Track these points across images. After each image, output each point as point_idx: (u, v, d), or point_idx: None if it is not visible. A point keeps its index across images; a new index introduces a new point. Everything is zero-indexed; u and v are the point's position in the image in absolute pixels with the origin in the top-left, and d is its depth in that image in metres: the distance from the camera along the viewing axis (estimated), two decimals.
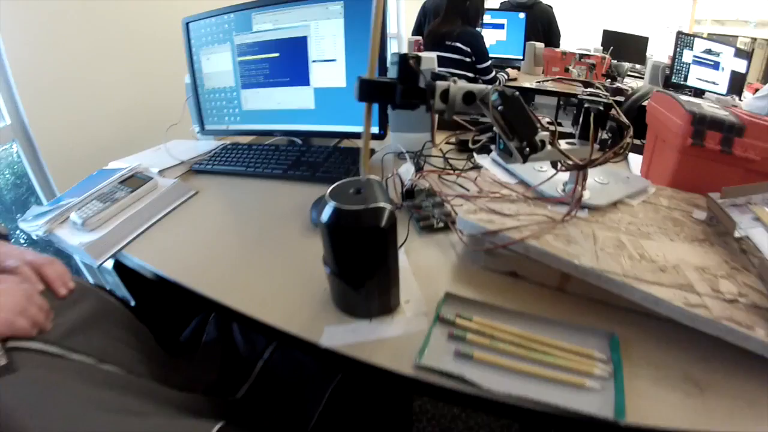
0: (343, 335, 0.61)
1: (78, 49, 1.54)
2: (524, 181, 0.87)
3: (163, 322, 0.89)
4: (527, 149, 0.54)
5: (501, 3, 3.71)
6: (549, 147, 0.57)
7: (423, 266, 0.74)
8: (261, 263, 0.79)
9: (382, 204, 0.53)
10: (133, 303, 1.00)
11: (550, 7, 3.52)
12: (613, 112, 0.65)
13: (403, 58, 0.55)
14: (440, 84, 0.56)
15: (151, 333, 0.79)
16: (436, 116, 0.65)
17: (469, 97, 0.56)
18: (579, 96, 0.66)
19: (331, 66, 1.13)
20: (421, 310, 0.65)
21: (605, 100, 0.64)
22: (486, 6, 2.74)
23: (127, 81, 1.71)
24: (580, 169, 0.62)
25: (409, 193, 0.92)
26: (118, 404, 0.53)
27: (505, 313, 0.63)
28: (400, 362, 0.56)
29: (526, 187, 0.84)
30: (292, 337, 0.62)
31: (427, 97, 0.56)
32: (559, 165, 0.65)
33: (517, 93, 0.54)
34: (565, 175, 0.76)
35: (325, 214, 0.53)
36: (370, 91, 0.55)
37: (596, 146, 0.62)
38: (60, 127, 1.50)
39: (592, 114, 0.62)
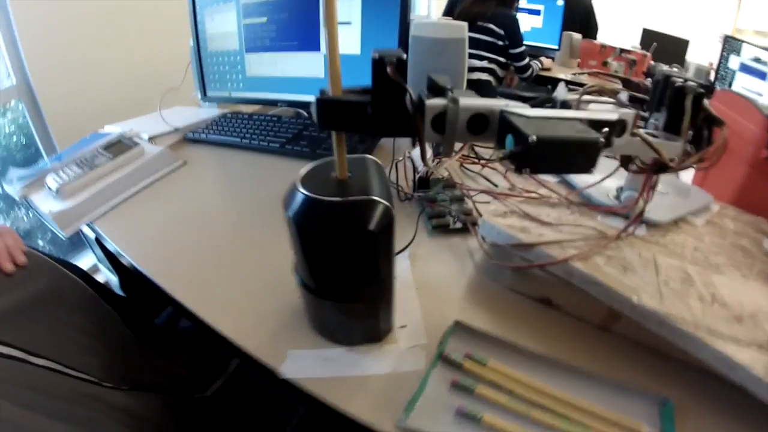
0: (311, 365, 0.48)
1: (84, 11, 1.53)
2: (568, 181, 0.71)
3: (142, 304, 0.87)
4: None
5: None
6: (629, 136, 0.41)
7: (430, 279, 0.61)
8: (233, 257, 0.69)
9: (374, 197, 0.39)
10: (115, 278, 1.02)
11: None
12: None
13: (377, 63, 0.34)
14: (432, 103, 0.35)
15: (123, 316, 0.75)
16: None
17: (478, 122, 0.35)
18: (665, 72, 0.50)
19: (344, 30, 1.01)
20: (420, 341, 0.51)
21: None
22: None
23: (134, 44, 1.70)
24: (661, 173, 0.47)
25: (423, 182, 0.79)
26: (41, 407, 0.50)
27: (532, 358, 0.49)
28: (380, 414, 0.43)
29: (570, 189, 0.68)
30: (247, 356, 0.51)
31: (412, 125, 0.36)
32: (632, 164, 0.49)
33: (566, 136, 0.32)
34: (616, 178, 0.62)
35: (293, 205, 0.39)
36: (331, 113, 0.37)
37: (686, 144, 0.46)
38: (64, 88, 1.51)
39: (690, 97, 0.46)
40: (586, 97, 0.41)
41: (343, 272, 0.43)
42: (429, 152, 0.78)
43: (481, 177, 0.85)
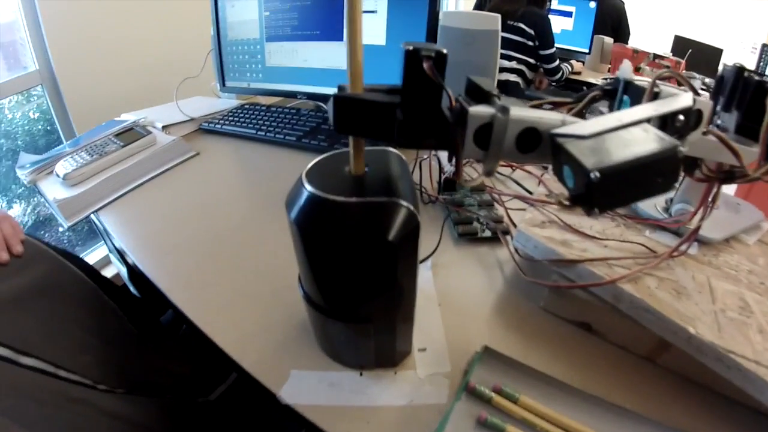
0: (314, 389, 0.42)
1: None
2: None
3: (148, 300, 0.86)
4: None
5: None
6: (705, 135, 0.34)
7: (455, 294, 0.55)
8: (239, 258, 0.64)
9: (396, 198, 0.32)
10: (124, 270, 0.98)
11: (623, 2, 3.29)
12: None
13: (411, 57, 0.27)
14: (477, 112, 0.28)
15: (127, 312, 0.73)
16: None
17: (529, 139, 0.28)
18: (735, 66, 0.43)
19: (370, 19, 0.96)
20: (443, 368, 0.45)
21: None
22: None
23: (157, 32, 1.68)
24: (729, 182, 0.40)
25: (449, 184, 0.73)
26: (19, 413, 0.48)
27: (569, 393, 0.43)
28: None
29: None
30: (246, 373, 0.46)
31: (451, 136, 0.30)
32: (698, 170, 0.42)
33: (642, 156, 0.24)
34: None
35: (297, 205, 0.33)
36: (350, 115, 0.30)
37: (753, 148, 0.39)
38: (86, 74, 1.48)
39: None
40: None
41: (355, 288, 0.37)
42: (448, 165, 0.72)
43: (511, 180, 0.79)
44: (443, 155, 0.75)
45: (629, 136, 0.24)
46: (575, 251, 0.48)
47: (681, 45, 3.37)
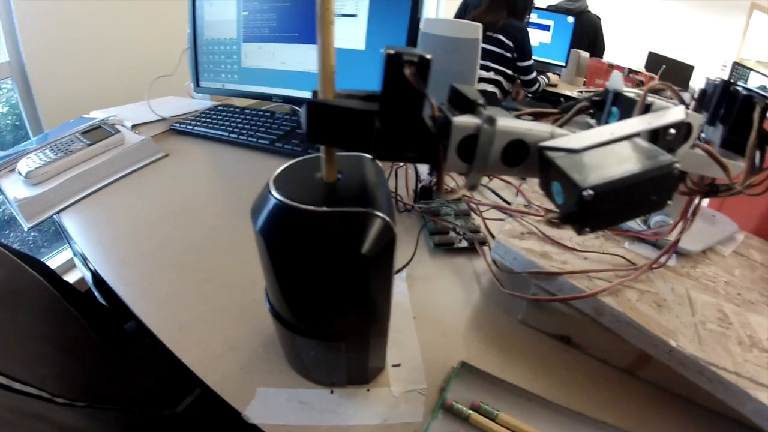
0: (283, 408, 0.39)
1: None
2: None
3: (113, 307, 0.82)
4: None
5: (547, 6, 3.54)
6: (692, 148, 0.33)
7: (431, 306, 0.53)
8: (205, 267, 0.60)
9: (370, 208, 0.30)
10: (88, 275, 0.93)
11: (599, 18, 3.36)
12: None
13: (392, 62, 0.25)
14: (461, 122, 0.26)
15: (90, 320, 0.68)
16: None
17: (516, 151, 0.26)
18: (720, 80, 0.42)
19: (349, 23, 0.95)
20: (418, 384, 0.42)
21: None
22: (534, 5, 2.57)
23: (132, 29, 1.64)
24: (712, 196, 0.39)
25: (426, 192, 0.71)
26: None
27: (549, 408, 0.41)
28: None
29: None
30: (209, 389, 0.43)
31: (433, 148, 0.27)
32: (681, 184, 0.41)
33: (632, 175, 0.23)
34: None
35: (263, 214, 0.30)
36: (325, 123, 0.28)
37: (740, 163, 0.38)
38: (58, 69, 1.44)
39: (759, 108, 0.38)
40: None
41: (326, 304, 0.34)
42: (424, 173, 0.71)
43: (488, 189, 0.77)
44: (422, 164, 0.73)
45: (623, 150, 0.23)
46: (555, 263, 0.47)
47: (654, 61, 3.47)
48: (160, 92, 1.22)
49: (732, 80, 1.49)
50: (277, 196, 0.29)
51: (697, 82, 3.51)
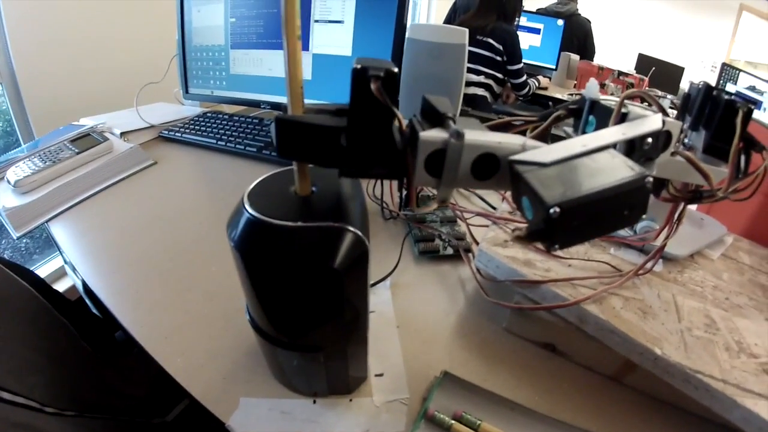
0: (265, 418, 0.39)
1: None
2: None
3: (102, 315, 0.82)
4: None
5: (537, 9, 3.55)
6: (673, 156, 0.33)
7: (414, 315, 0.52)
8: (191, 276, 0.59)
9: (342, 223, 0.29)
10: (79, 283, 0.92)
11: (589, 21, 3.37)
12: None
13: (358, 76, 0.24)
14: (428, 137, 0.25)
15: (80, 328, 0.68)
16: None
17: (486, 165, 0.26)
18: (703, 84, 0.42)
19: (335, 29, 0.95)
20: (400, 394, 0.42)
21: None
22: (524, 8, 2.56)
23: (123, 35, 1.64)
24: (696, 202, 0.39)
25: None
26: None
27: (533, 418, 0.41)
28: None
29: None
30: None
31: (405, 163, 0.27)
32: (665, 190, 0.41)
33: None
34: None
35: (237, 229, 0.30)
36: (293, 139, 0.27)
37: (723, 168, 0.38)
38: (48, 75, 1.43)
39: (741, 113, 0.38)
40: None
41: (302, 317, 0.34)
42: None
43: (475, 196, 0.77)
44: None
45: (594, 163, 0.22)
46: (539, 271, 0.47)
47: (644, 63, 3.47)
48: (150, 98, 1.21)
49: (721, 81, 1.49)
50: (250, 211, 0.29)
51: (687, 84, 3.55)
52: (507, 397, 0.42)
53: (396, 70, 0.23)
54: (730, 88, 2.51)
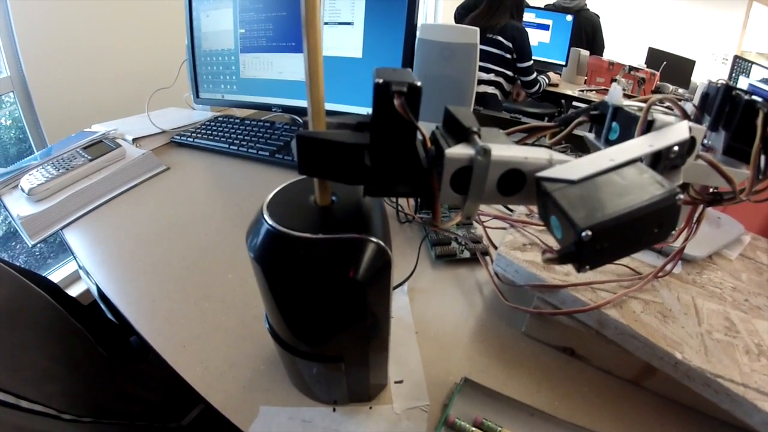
0: (285, 426, 0.39)
1: (83, 5, 1.48)
2: None
3: (118, 320, 0.80)
4: None
5: (545, 5, 3.53)
6: (695, 159, 0.33)
7: (433, 320, 0.52)
8: (208, 283, 0.59)
9: (364, 233, 0.29)
10: (94, 288, 0.92)
11: (598, 16, 3.35)
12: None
13: (381, 91, 0.23)
14: (454, 154, 0.24)
15: (95, 334, 0.68)
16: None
17: (513, 181, 0.25)
18: (722, 83, 0.41)
19: (345, 31, 0.95)
20: (420, 401, 0.42)
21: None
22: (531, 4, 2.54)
23: (132, 41, 1.65)
24: (716, 204, 0.39)
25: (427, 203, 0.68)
26: None
27: (554, 423, 0.41)
28: None
29: None
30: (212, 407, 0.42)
31: (430, 181, 0.26)
32: (684, 193, 0.40)
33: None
34: None
35: (257, 240, 0.30)
36: (315, 156, 0.27)
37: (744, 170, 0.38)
38: (59, 83, 1.44)
39: (762, 114, 0.37)
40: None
41: (323, 328, 0.34)
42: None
43: None
44: None
45: (623, 180, 0.22)
46: (558, 275, 0.46)
47: (655, 57, 3.42)
48: (161, 103, 1.21)
49: (734, 74, 1.46)
50: (270, 222, 0.29)
51: (698, 77, 3.45)
52: (526, 402, 0.42)
53: (419, 84, 0.23)
54: (743, 80, 2.46)
